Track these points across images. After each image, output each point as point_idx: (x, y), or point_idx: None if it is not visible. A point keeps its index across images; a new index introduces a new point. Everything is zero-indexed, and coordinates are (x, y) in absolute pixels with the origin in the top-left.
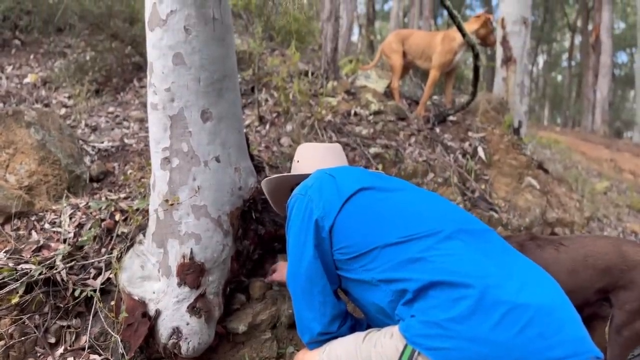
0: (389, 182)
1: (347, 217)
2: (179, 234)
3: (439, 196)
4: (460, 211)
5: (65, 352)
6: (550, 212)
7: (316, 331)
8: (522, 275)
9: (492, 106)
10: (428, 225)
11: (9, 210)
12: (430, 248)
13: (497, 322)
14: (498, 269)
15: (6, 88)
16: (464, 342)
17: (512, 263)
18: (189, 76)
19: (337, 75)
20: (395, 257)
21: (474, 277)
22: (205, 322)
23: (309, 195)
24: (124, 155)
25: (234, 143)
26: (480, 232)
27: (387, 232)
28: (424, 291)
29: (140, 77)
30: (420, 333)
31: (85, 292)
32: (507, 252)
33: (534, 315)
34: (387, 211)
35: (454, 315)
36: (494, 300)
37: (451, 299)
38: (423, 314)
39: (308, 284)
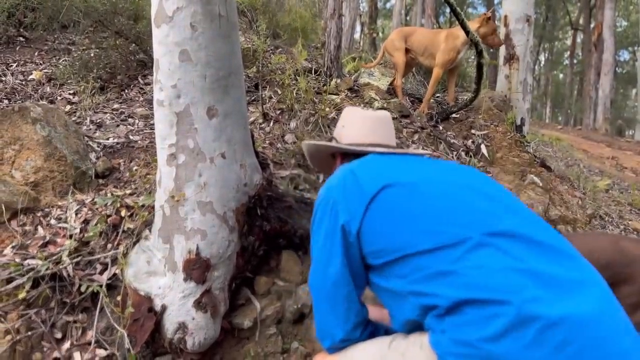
0: (419, 171)
1: (373, 220)
2: (184, 229)
3: (480, 178)
4: (501, 199)
5: (71, 347)
6: (553, 210)
7: (338, 338)
8: (564, 281)
9: (495, 104)
10: (459, 228)
11: (15, 206)
12: (460, 259)
13: (532, 340)
14: (535, 278)
15: (11, 85)
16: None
17: (555, 268)
18: (195, 73)
19: (340, 72)
20: (425, 267)
21: (507, 292)
22: (211, 317)
23: (333, 197)
24: (130, 152)
25: (240, 139)
26: (520, 230)
27: (415, 237)
28: (455, 308)
29: (144, 74)
30: (452, 351)
31: (92, 287)
32: (551, 253)
33: (573, 329)
34: (414, 211)
35: (486, 335)
36: (528, 316)
37: (484, 317)
38: (455, 331)
39: (333, 289)
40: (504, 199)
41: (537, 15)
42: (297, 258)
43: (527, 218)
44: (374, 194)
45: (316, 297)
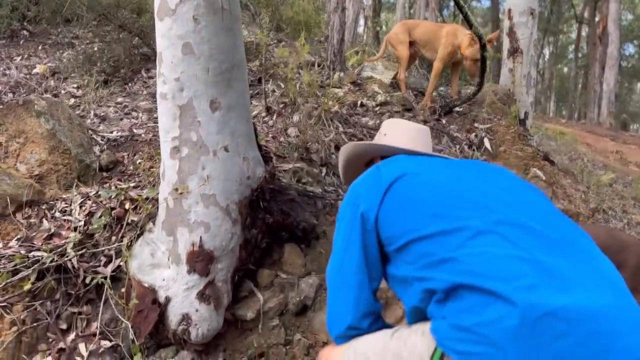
0: (439, 165)
1: (388, 207)
2: (188, 222)
3: (500, 172)
4: (517, 192)
5: (76, 338)
6: (556, 203)
7: (346, 324)
8: (569, 273)
9: (499, 97)
10: (464, 214)
11: (20, 199)
12: (462, 245)
13: (527, 328)
14: (536, 266)
15: (16, 78)
16: (493, 348)
17: (561, 260)
18: (197, 66)
19: (343, 66)
20: (430, 254)
21: (505, 279)
22: (214, 309)
23: (357, 190)
24: (133, 145)
25: (243, 133)
26: (530, 222)
27: (420, 222)
28: (453, 292)
29: (148, 67)
30: (449, 336)
31: (96, 279)
32: (560, 245)
33: (571, 321)
34: (423, 197)
35: (482, 320)
36: (525, 304)
37: (480, 304)
38: (453, 316)
39: (347, 276)
40: (524, 194)
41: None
42: (300, 251)
43: (544, 212)
44: (391, 182)
45: (331, 285)
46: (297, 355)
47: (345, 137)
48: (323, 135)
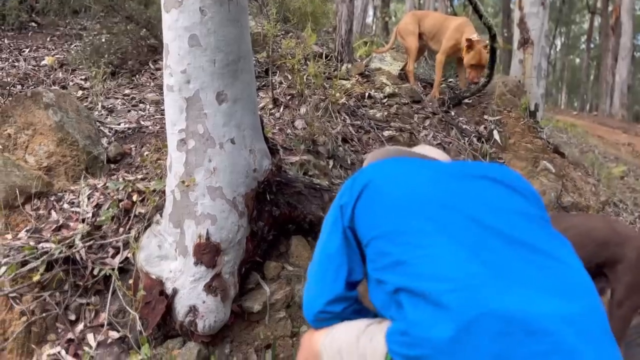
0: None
1: (361, 206)
2: (195, 214)
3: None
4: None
5: (85, 329)
6: (566, 196)
7: (318, 308)
8: (519, 274)
9: (509, 89)
10: (425, 216)
11: (29, 191)
12: (415, 247)
13: (464, 331)
14: (482, 267)
15: (24, 70)
16: (430, 350)
17: (515, 259)
18: (204, 58)
19: (351, 57)
20: (386, 254)
21: (444, 279)
22: (221, 300)
23: (345, 185)
24: (141, 137)
25: (249, 125)
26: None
27: (381, 221)
28: (398, 295)
29: (155, 59)
30: (393, 340)
31: (104, 270)
32: (517, 245)
33: (514, 320)
34: (390, 199)
35: (417, 323)
36: (463, 305)
37: (417, 306)
38: (397, 320)
39: (326, 261)
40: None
41: None
42: (307, 243)
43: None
44: (365, 183)
45: (310, 271)
46: None
47: (352, 129)
48: (330, 127)
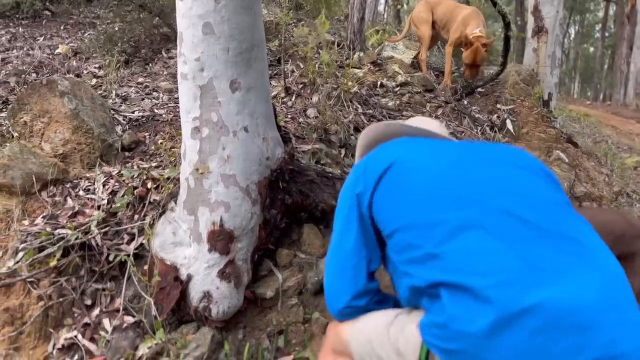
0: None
1: (380, 193)
2: (209, 201)
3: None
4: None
5: (100, 313)
6: (579, 186)
7: (342, 304)
8: (555, 265)
9: (522, 78)
10: (450, 205)
11: (45, 178)
12: (445, 240)
13: (504, 326)
14: (518, 260)
15: (39, 58)
16: (470, 345)
17: (549, 250)
18: (218, 46)
19: (363, 46)
20: (414, 246)
21: (482, 275)
22: (235, 287)
23: (357, 172)
24: (154, 125)
25: (262, 113)
26: (520, 210)
27: (406, 211)
28: (434, 290)
29: (168, 47)
30: (430, 332)
31: (119, 256)
32: (549, 235)
33: (552, 315)
34: (412, 186)
35: (458, 318)
36: (506, 300)
37: (459, 301)
38: (433, 313)
39: (345, 257)
40: (524, 181)
41: None
42: (319, 231)
43: (542, 201)
44: (384, 169)
45: (328, 265)
46: (315, 333)
47: (364, 118)
48: (342, 116)
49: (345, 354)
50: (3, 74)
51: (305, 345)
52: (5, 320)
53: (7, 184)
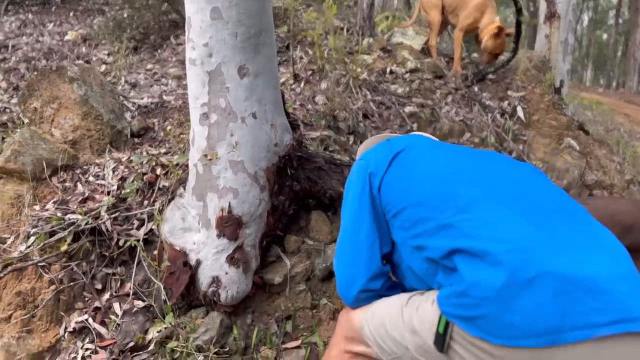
0: (440, 145)
1: (392, 174)
2: (217, 188)
3: (501, 156)
4: (508, 164)
5: (111, 298)
6: (590, 174)
7: (358, 288)
8: (568, 238)
9: (534, 64)
10: (466, 184)
11: (55, 163)
12: (459, 212)
13: (525, 289)
14: (536, 231)
15: (48, 45)
16: (491, 309)
17: (562, 222)
18: (226, 31)
19: (372, 32)
20: (425, 219)
21: (502, 240)
22: (243, 272)
23: (366, 158)
24: (163, 112)
25: (270, 99)
26: (522, 190)
27: (418, 189)
28: (451, 258)
29: (177, 34)
30: (449, 303)
31: (129, 241)
32: (557, 208)
33: (572, 283)
34: (424, 168)
35: (480, 283)
36: (522, 264)
37: (477, 266)
38: (453, 283)
39: (359, 239)
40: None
41: None
42: (326, 218)
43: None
44: (397, 152)
45: (341, 250)
46: (323, 319)
47: (373, 105)
48: (351, 103)
49: (357, 340)
50: (13, 61)
51: (313, 330)
52: (17, 304)
53: (18, 169)
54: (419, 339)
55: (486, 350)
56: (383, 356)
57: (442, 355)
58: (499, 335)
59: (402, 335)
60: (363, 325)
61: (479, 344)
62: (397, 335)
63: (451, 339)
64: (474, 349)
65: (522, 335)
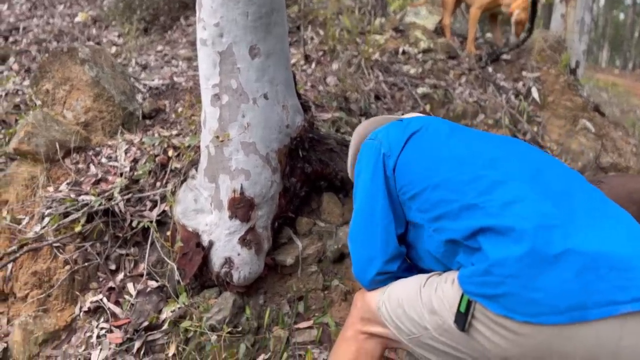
0: (457, 127)
1: (407, 155)
2: (229, 169)
3: (507, 137)
4: (525, 149)
5: (125, 278)
6: (605, 157)
7: (376, 269)
8: (591, 219)
9: (549, 44)
10: (484, 165)
11: (68, 145)
12: (483, 192)
13: (550, 266)
14: (558, 210)
15: (59, 27)
16: (516, 287)
17: (581, 203)
18: (237, 10)
19: (385, 11)
20: (447, 201)
21: (527, 219)
22: (255, 253)
23: (378, 138)
24: (174, 93)
25: (282, 80)
26: (542, 170)
27: (439, 172)
28: (474, 238)
29: (186, 15)
30: (472, 281)
31: (142, 223)
32: (575, 189)
33: (595, 260)
34: (444, 150)
35: (504, 261)
36: (547, 242)
37: (502, 244)
38: (476, 262)
39: (374, 222)
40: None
41: None
42: (338, 200)
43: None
44: (413, 132)
45: (356, 233)
46: (334, 300)
47: (385, 86)
48: (363, 84)
49: (373, 321)
50: (24, 43)
51: (324, 311)
52: (33, 284)
53: (31, 150)
54: (439, 318)
55: (509, 328)
56: (401, 336)
57: (463, 334)
58: (524, 313)
59: (421, 315)
60: (380, 306)
61: (503, 322)
62: (416, 315)
63: (473, 317)
64: (496, 327)
65: (546, 312)
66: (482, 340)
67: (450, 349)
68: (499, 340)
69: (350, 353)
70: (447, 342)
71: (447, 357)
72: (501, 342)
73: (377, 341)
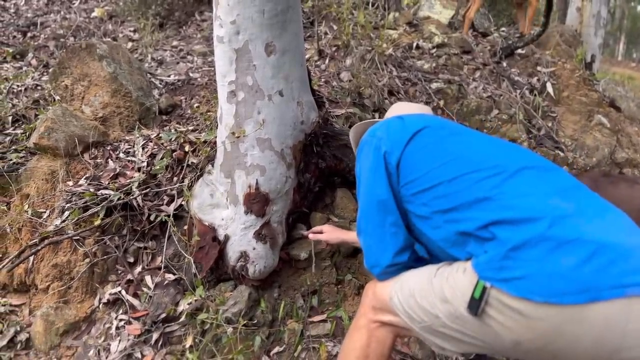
0: (457, 126)
1: (412, 152)
2: (245, 165)
3: (505, 140)
4: (526, 151)
5: (143, 271)
6: (620, 152)
7: (386, 263)
8: (593, 211)
9: (564, 39)
10: (494, 163)
11: (86, 140)
12: (496, 186)
13: (567, 250)
14: (567, 202)
15: (76, 22)
16: (534, 269)
17: (584, 199)
18: (253, 8)
19: (398, 6)
20: (461, 197)
21: (540, 210)
22: (270, 247)
23: (377, 135)
24: (190, 89)
25: (297, 77)
26: (547, 169)
27: (451, 168)
28: (485, 231)
29: (201, 10)
30: (490, 267)
31: (160, 217)
32: (577, 188)
33: (604, 247)
34: (452, 148)
35: (522, 245)
36: (562, 229)
37: (518, 231)
38: (491, 249)
39: (381, 216)
40: (525, 150)
41: None
42: (352, 196)
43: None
44: (416, 130)
45: (364, 228)
46: (347, 294)
47: (399, 82)
48: (376, 79)
49: (385, 310)
50: (42, 38)
51: (338, 305)
52: (54, 276)
53: (51, 145)
54: (451, 306)
55: (524, 312)
56: (413, 325)
57: (475, 320)
58: (543, 294)
59: (433, 304)
60: (392, 296)
61: (518, 306)
62: (427, 304)
63: (486, 304)
64: (510, 312)
65: (565, 292)
66: (495, 325)
67: (462, 335)
68: (512, 325)
69: (362, 341)
70: (459, 328)
71: (458, 342)
72: (514, 327)
73: (389, 329)
